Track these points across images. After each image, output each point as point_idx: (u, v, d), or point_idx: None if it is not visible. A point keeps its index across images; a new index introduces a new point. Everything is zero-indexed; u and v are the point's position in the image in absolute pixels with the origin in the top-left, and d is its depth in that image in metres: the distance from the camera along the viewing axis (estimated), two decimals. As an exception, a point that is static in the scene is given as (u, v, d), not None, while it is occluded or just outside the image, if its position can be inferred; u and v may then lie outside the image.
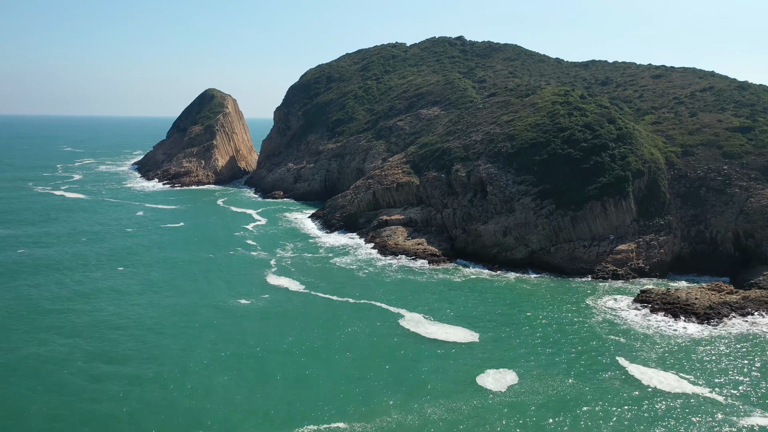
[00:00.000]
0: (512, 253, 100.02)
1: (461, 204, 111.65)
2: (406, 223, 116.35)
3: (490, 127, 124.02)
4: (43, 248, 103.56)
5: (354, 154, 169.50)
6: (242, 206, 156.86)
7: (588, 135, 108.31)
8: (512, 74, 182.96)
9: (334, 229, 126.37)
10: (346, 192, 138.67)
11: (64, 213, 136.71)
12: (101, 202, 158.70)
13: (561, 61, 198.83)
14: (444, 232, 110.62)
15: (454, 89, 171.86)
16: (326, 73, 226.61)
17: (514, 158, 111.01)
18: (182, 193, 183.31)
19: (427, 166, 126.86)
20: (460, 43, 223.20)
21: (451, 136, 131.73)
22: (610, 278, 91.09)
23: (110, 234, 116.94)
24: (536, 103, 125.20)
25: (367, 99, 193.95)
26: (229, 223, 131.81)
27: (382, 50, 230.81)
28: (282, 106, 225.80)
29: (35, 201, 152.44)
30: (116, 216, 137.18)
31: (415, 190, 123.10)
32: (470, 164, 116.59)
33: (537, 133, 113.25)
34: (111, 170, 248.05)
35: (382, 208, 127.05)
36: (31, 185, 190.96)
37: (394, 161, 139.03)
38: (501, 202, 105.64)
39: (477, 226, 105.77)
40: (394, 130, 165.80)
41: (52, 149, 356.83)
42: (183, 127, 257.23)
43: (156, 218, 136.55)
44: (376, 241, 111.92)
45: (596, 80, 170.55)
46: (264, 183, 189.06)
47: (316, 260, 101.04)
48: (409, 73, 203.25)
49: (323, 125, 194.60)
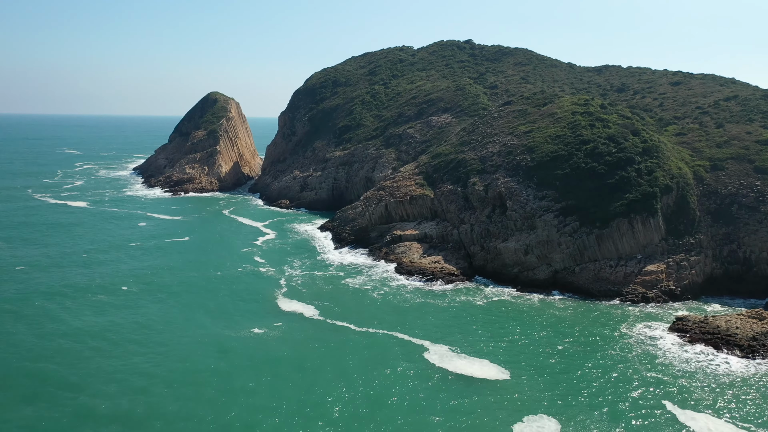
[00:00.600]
0: (534, 272, 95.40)
1: (479, 219, 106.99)
2: (421, 238, 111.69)
3: (508, 138, 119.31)
4: (42, 271, 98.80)
5: (362, 162, 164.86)
6: (249, 217, 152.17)
7: (612, 148, 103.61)
8: (524, 80, 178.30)
9: (344, 243, 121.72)
10: (356, 204, 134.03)
11: (63, 227, 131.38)
12: (103, 212, 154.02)
13: (573, 66, 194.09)
14: (461, 249, 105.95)
15: (465, 96, 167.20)
16: (332, 77, 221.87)
17: (534, 172, 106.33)
18: (185, 201, 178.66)
19: (442, 178, 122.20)
20: (469, 46, 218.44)
21: (465, 146, 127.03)
22: (640, 301, 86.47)
23: (112, 250, 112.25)
24: (555, 113, 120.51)
25: (375, 105, 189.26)
26: (236, 237, 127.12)
27: (389, 54, 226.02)
28: (287, 111, 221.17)
29: (34, 213, 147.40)
30: (118, 229, 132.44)
31: (430, 203, 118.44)
32: (488, 177, 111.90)
33: (558, 145, 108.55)
34: (112, 175, 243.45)
35: (394, 222, 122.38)
36: (30, 192, 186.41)
37: (406, 172, 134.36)
38: (522, 219, 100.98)
39: (496, 243, 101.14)
40: (404, 137, 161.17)
41: (51, 152, 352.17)
42: (185, 132, 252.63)
43: (160, 231, 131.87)
44: (390, 258, 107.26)
45: (611, 86, 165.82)
46: (269, 190, 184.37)
47: (328, 280, 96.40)
48: (417, 77, 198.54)
49: (330, 131, 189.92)
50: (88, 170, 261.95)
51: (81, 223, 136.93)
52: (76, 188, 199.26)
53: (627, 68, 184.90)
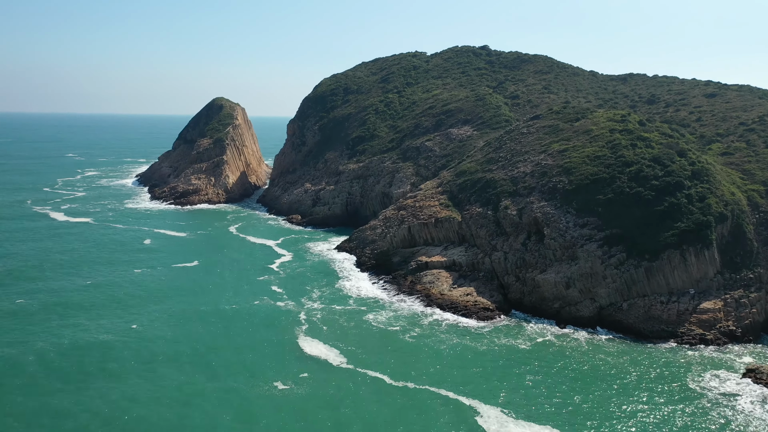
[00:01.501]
0: (577, 308, 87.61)
1: (513, 247, 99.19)
2: (449, 266, 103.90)
3: (540, 157, 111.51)
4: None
5: (378, 176, 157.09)
6: (260, 235, 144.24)
7: (658, 171, 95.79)
8: (547, 89, 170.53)
9: (365, 268, 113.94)
10: (375, 224, 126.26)
11: (65, 252, 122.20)
12: (106, 228, 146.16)
13: (596, 74, 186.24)
14: (494, 279, 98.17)
15: (486, 106, 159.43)
16: (343, 84, 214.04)
17: (573, 196, 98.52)
18: (192, 215, 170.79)
19: (468, 199, 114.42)
20: (485, 53, 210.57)
21: (493, 164, 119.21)
22: (697, 343, 78.74)
23: (116, 275, 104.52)
24: (591, 130, 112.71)
25: (390, 114, 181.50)
26: (249, 261, 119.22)
27: (402, 60, 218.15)
28: (296, 119, 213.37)
29: (30, 236, 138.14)
30: (123, 249, 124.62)
31: (457, 227, 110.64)
32: (521, 201, 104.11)
33: (598, 167, 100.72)
34: (114, 184, 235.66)
35: (418, 246, 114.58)
36: (30, 204, 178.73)
37: (428, 189, 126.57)
38: (561, 248, 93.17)
39: (534, 274, 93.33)
40: (422, 151, 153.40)
41: (51, 157, 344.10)
42: (190, 139, 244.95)
43: (167, 252, 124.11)
44: (416, 288, 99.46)
45: (640, 98, 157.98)
46: (280, 204, 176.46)
47: (351, 315, 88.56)
48: (433, 86, 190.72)
49: (342, 142, 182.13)
50: (90, 178, 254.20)
51: (81, 246, 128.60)
52: (77, 200, 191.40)
53: (653, 77, 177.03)
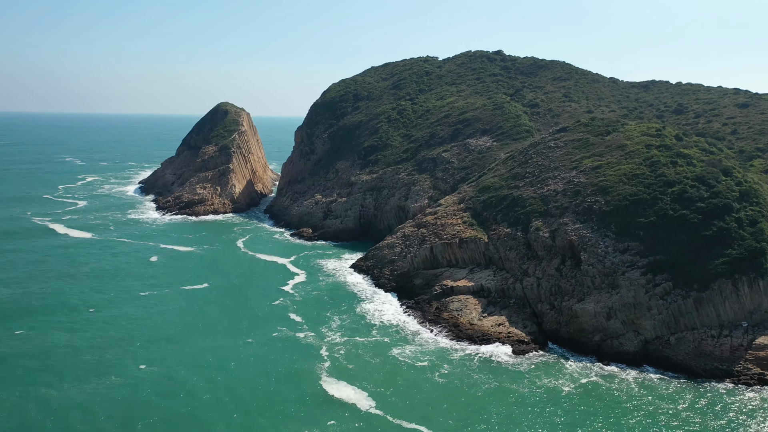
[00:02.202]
0: (620, 341, 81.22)
1: (546, 272, 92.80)
2: (477, 291, 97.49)
3: (572, 173, 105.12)
4: (43, 333, 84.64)
5: (392, 188, 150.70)
6: (270, 251, 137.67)
7: (703, 192, 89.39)
8: (567, 97, 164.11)
9: (384, 290, 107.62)
10: (393, 241, 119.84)
11: (66, 275, 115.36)
12: (109, 243, 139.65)
13: (617, 81, 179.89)
14: (526, 307, 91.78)
15: (505, 116, 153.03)
16: (352, 89, 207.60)
17: (610, 218, 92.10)
18: (198, 227, 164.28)
19: (495, 218, 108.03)
20: (500, 58, 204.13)
21: (519, 180, 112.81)
22: (755, 383, 72.45)
23: (122, 302, 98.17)
24: (624, 144, 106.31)
25: (403, 122, 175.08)
26: (261, 282, 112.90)
27: (414, 65, 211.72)
28: (304, 126, 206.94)
29: (29, 251, 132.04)
30: (128, 268, 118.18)
31: (483, 248, 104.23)
32: (553, 221, 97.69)
33: (637, 186, 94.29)
34: (116, 192, 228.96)
35: (441, 268, 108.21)
36: (30, 215, 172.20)
37: (449, 205, 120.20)
38: (600, 275, 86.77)
39: (571, 303, 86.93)
40: (438, 162, 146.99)
41: (52, 162, 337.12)
42: (194, 145, 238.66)
43: (174, 271, 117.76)
44: (443, 316, 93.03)
45: (666, 107, 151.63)
46: (289, 216, 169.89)
47: (375, 349, 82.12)
48: (447, 92, 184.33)
49: (353, 151, 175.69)
50: (91, 185, 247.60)
51: (84, 263, 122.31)
52: (78, 210, 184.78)
53: (676, 84, 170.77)
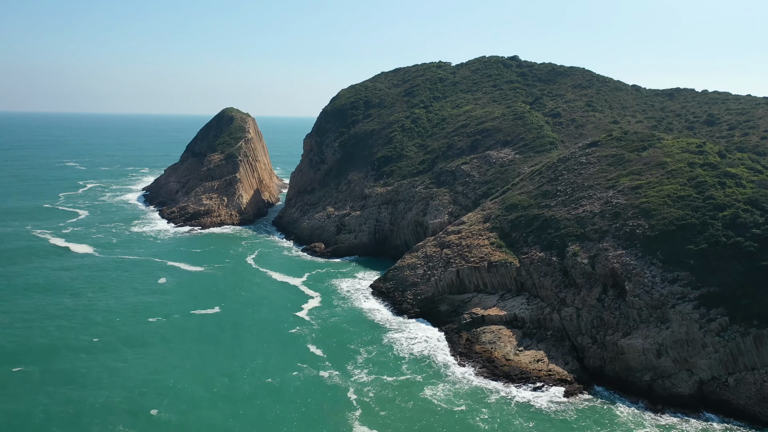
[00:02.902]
0: (673, 382, 74.68)
1: (587, 303, 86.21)
2: (510, 321, 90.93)
3: (609, 193, 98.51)
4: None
5: (409, 202, 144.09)
6: (281, 269, 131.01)
7: (758, 217, 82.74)
8: (590, 106, 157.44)
9: (407, 316, 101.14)
10: (414, 261, 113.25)
11: (66, 298, 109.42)
12: (113, 262, 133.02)
13: (640, 89, 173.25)
14: (565, 340, 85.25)
15: (526, 126, 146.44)
16: (363, 96, 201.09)
17: (656, 244, 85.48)
18: (206, 241, 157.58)
19: (525, 240, 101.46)
20: (516, 64, 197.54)
21: (550, 198, 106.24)
22: (827, 435, 65.94)
23: (128, 335, 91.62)
24: (664, 162, 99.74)
25: (418, 132, 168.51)
26: (275, 306, 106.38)
27: (427, 71, 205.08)
28: (313, 134, 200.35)
29: (28, 274, 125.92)
30: (134, 292, 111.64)
31: (515, 273, 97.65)
32: (592, 246, 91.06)
33: (683, 209, 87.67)
34: (119, 201, 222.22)
35: (468, 292, 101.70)
36: (30, 228, 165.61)
37: (473, 224, 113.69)
38: (648, 307, 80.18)
39: (616, 338, 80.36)
40: (458, 175, 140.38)
41: (52, 166, 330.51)
42: (199, 152, 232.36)
43: (183, 294, 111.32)
44: (475, 349, 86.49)
45: (695, 117, 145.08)
46: (299, 229, 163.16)
47: (406, 390, 75.67)
48: (463, 100, 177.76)
49: (366, 161, 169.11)
50: (92, 192, 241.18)
51: (85, 283, 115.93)
52: (80, 222, 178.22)
53: (702, 93, 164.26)
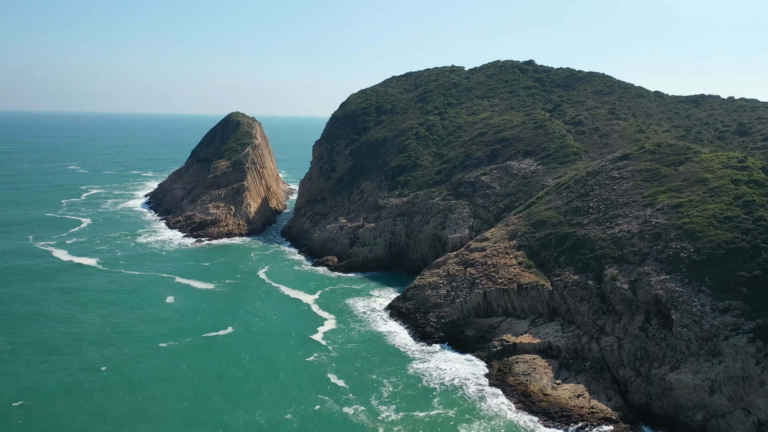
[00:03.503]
0: (728, 422, 68.84)
1: (629, 332, 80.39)
2: (544, 350, 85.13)
3: (646, 212, 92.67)
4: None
5: (426, 214, 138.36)
6: (293, 284, 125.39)
7: (814, 241, 77.00)
8: (613, 114, 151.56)
9: (431, 341, 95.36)
10: (435, 280, 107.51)
11: (72, 326, 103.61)
12: (118, 279, 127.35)
13: (662, 96, 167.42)
14: (605, 372, 79.43)
15: (548, 135, 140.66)
16: (374, 102, 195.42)
17: (704, 270, 79.63)
18: (214, 254, 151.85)
19: (556, 260, 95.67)
20: (532, 69, 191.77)
21: (581, 216, 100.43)
22: None
23: (139, 362, 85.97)
24: (705, 178, 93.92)
25: (433, 140, 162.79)
26: (290, 329, 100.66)
27: (439, 76, 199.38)
28: (323, 141, 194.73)
29: (32, 293, 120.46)
30: (142, 313, 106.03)
31: (547, 297, 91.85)
32: (632, 270, 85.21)
33: (732, 231, 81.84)
34: (122, 208, 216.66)
35: (496, 316, 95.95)
36: (31, 240, 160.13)
37: (498, 240, 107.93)
38: (697, 339, 74.37)
39: (663, 371, 74.55)
40: (477, 187, 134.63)
41: (54, 171, 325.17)
42: (204, 158, 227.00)
43: (194, 313, 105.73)
44: (508, 381, 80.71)
45: (725, 126, 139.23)
46: (310, 241, 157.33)
47: (441, 429, 69.91)
48: (479, 107, 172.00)
49: (379, 170, 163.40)
50: (95, 198, 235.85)
51: (87, 303, 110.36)
52: (83, 232, 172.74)
53: (729, 100, 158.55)
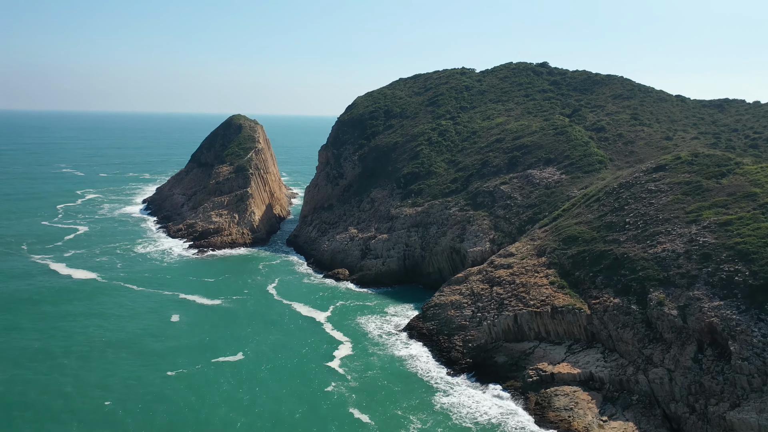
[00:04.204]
0: (798, 469, 62.43)
1: (680, 363, 73.79)
2: (585, 381, 78.51)
3: (691, 229, 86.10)
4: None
5: (442, 225, 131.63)
6: (305, 300, 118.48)
7: None
8: (636, 119, 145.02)
9: (458, 369, 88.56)
10: (458, 299, 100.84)
11: (73, 359, 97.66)
12: (119, 295, 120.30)
13: (685, 100, 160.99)
14: (655, 407, 72.88)
15: (570, 142, 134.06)
16: (382, 105, 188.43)
17: (763, 296, 73.02)
18: (218, 267, 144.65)
19: (592, 281, 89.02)
20: (547, 71, 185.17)
21: (617, 232, 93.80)
22: None
23: (149, 394, 78.98)
24: (753, 193, 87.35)
25: (446, 146, 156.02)
26: (305, 354, 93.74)
27: (450, 78, 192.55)
28: (329, 146, 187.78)
29: (28, 320, 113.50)
30: (145, 334, 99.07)
31: (585, 322, 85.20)
32: (680, 294, 78.63)
33: (790, 253, 75.37)
34: (120, 214, 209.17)
35: (528, 340, 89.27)
36: (25, 250, 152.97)
37: (525, 257, 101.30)
38: (760, 374, 67.81)
39: (722, 409, 68.00)
40: (497, 197, 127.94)
41: (49, 174, 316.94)
42: (205, 162, 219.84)
43: (202, 338, 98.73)
44: (548, 416, 74.08)
45: (756, 133, 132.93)
46: (319, 252, 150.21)
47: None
48: (493, 111, 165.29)
49: (390, 178, 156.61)
50: (91, 204, 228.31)
51: (94, 340, 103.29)
52: (79, 240, 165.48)
53: (755, 104, 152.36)
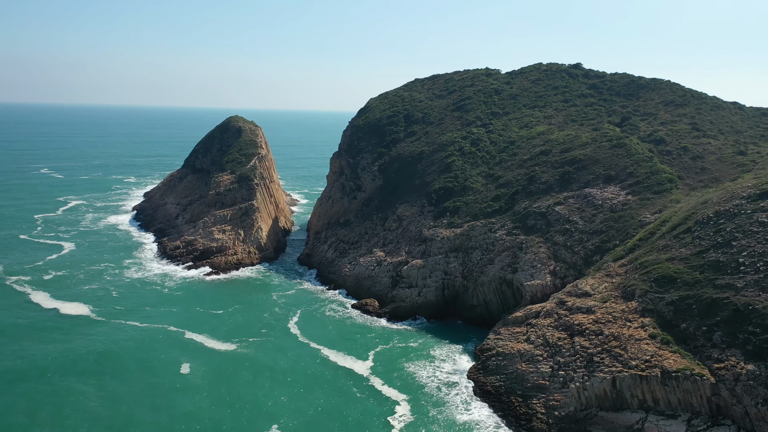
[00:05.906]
0: None
1: None
2: (723, 475, 62.84)
3: (834, 277, 70.78)
4: None
5: (487, 251, 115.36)
6: (338, 345, 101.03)
7: None
8: (697, 129, 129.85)
9: (545, 444, 72.47)
10: (528, 349, 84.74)
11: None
12: (116, 337, 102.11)
13: (743, 107, 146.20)
14: None
15: (632, 158, 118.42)
16: (401, 108, 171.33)
17: None
18: (226, 294, 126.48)
19: (707, 337, 73.34)
20: (582, 73, 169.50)
21: (730, 274, 78.09)
22: None
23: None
24: None
25: (481, 157, 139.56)
26: (354, 422, 77.01)
27: (475, 80, 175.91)
28: (343, 154, 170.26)
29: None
30: (156, 398, 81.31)
31: (709, 392, 69.47)
32: (838, 365, 63.32)
33: None
34: (107, 226, 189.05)
35: (630, 410, 73.36)
36: (2, 273, 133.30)
37: (607, 299, 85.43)
38: None
39: None
40: (552, 220, 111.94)
41: (27, 176, 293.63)
42: (200, 168, 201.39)
43: (219, 399, 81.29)
44: None
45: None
46: (340, 276, 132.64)
47: None
48: (531, 118, 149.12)
49: (418, 193, 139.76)
50: (74, 213, 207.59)
51: (93, 402, 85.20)
52: (65, 261, 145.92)
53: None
